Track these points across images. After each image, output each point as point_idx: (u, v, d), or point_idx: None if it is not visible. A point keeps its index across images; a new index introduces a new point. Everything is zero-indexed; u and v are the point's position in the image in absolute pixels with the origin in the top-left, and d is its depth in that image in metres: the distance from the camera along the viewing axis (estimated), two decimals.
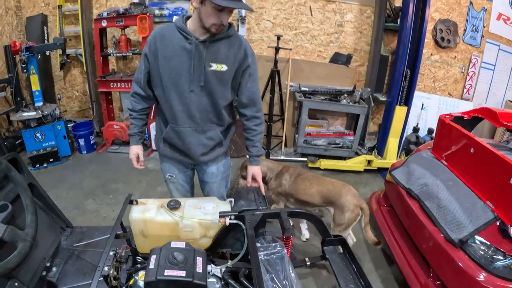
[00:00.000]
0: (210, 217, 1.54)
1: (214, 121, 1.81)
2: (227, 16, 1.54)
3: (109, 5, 4.61)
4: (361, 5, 4.44)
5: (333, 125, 4.56)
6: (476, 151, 2.14)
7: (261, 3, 4.42)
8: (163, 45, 1.64)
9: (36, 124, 3.90)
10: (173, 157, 1.92)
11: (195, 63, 1.63)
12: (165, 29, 1.68)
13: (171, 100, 1.71)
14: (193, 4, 1.53)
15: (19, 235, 1.38)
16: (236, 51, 1.67)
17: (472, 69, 4.87)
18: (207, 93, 1.70)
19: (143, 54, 1.72)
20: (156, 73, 1.70)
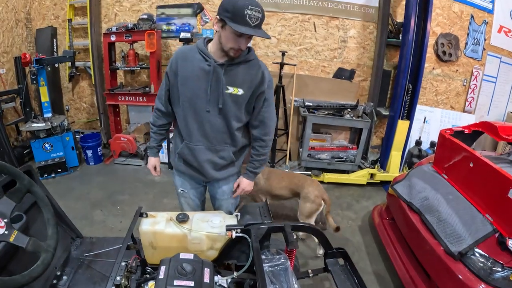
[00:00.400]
0: (217, 230, 1.60)
1: (227, 142, 1.84)
2: (245, 41, 1.58)
3: (117, 20, 4.73)
4: (363, 21, 4.52)
5: (337, 139, 4.61)
6: (475, 165, 2.19)
7: (266, 19, 4.43)
8: (183, 65, 1.71)
9: (45, 135, 3.98)
10: (186, 173, 1.97)
11: (213, 84, 1.68)
12: (188, 50, 1.76)
13: (187, 118, 1.76)
14: (214, 28, 1.60)
15: (41, 246, 1.44)
16: (253, 76, 1.72)
17: (474, 82, 4.90)
18: (222, 115, 1.74)
19: (165, 72, 1.80)
20: (175, 91, 1.77)
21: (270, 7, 4.45)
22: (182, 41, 3.89)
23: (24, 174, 1.51)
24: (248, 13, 1.45)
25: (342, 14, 4.48)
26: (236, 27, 1.47)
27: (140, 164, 4.49)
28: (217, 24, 1.58)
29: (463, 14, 4.62)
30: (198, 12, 4.21)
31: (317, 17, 4.50)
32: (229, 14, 1.48)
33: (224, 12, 1.51)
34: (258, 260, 1.41)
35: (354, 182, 4.19)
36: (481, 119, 4.99)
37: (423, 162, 3.02)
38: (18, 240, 1.37)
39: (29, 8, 4.72)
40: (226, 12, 1.49)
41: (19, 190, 1.48)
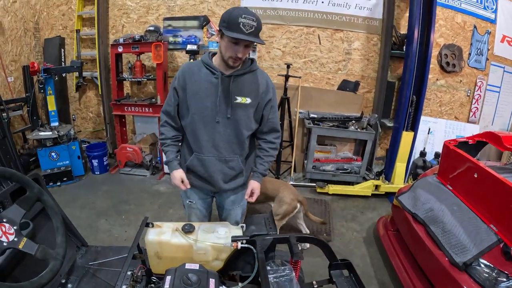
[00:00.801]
0: (223, 241, 1.61)
1: (237, 152, 1.88)
2: (242, 49, 1.63)
3: (125, 31, 4.82)
4: (367, 33, 4.56)
5: (341, 150, 4.61)
6: (480, 176, 2.20)
7: (272, 32, 4.58)
8: (191, 79, 1.77)
9: (51, 143, 4.03)
10: (194, 184, 1.97)
11: (221, 96, 1.74)
12: (193, 65, 1.82)
13: (197, 130, 1.80)
14: (216, 39, 1.72)
15: (50, 254, 1.45)
16: (258, 85, 1.80)
17: (478, 92, 4.91)
18: (232, 124, 1.80)
19: (173, 88, 1.83)
20: (184, 105, 1.81)
21: (275, 20, 4.53)
22: (188, 53, 3.95)
23: (34, 183, 1.54)
24: (242, 21, 1.53)
25: (346, 27, 4.54)
26: (231, 34, 1.54)
27: (145, 174, 4.52)
28: (217, 36, 1.68)
29: (466, 25, 4.65)
30: (204, 24, 4.28)
31: (321, 29, 4.56)
32: (225, 24, 1.57)
33: (222, 22, 1.61)
34: (263, 271, 1.41)
35: (359, 193, 4.17)
36: (486, 129, 4.99)
37: (428, 173, 3.01)
38: (28, 247, 1.40)
39: (38, 18, 4.83)
40: (223, 22, 1.59)
41: (29, 198, 1.50)
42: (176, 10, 4.63)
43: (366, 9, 4.46)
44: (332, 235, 3.36)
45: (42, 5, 4.86)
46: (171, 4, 4.63)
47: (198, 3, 4.58)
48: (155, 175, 4.52)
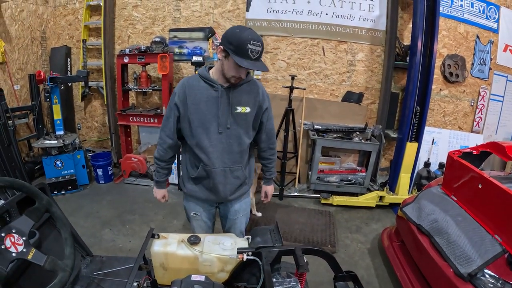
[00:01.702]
0: (229, 252, 1.61)
1: (240, 161, 1.95)
2: (245, 71, 1.74)
3: (131, 42, 4.88)
4: (371, 45, 4.58)
5: (346, 161, 4.61)
6: (484, 186, 2.21)
7: (276, 44, 4.61)
8: (191, 93, 1.80)
9: (57, 152, 4.06)
10: (199, 196, 2.02)
11: (222, 107, 1.79)
12: (191, 80, 1.85)
13: (202, 143, 1.84)
14: (218, 56, 1.72)
15: (59, 265, 1.46)
16: (255, 94, 1.88)
17: (481, 101, 4.91)
18: (234, 134, 1.86)
19: (173, 105, 1.85)
20: (186, 120, 1.84)
21: (279, 32, 4.56)
22: (194, 65, 3.98)
23: (43, 194, 1.56)
24: (250, 47, 1.58)
25: (350, 38, 4.56)
26: (239, 60, 1.59)
27: (150, 184, 4.52)
28: (220, 53, 1.70)
29: (468, 35, 4.67)
30: (210, 36, 4.32)
31: (325, 41, 4.58)
32: (233, 47, 1.60)
33: (228, 44, 1.63)
34: (268, 283, 1.41)
35: (363, 204, 4.16)
36: (489, 138, 4.99)
37: (432, 184, 3.02)
38: (36, 258, 1.41)
39: (45, 27, 4.91)
40: (230, 45, 1.61)
41: (38, 210, 1.52)
42: (181, 21, 4.69)
43: (369, 21, 4.49)
44: (337, 247, 3.35)
45: (49, 14, 4.95)
46: (176, 16, 4.69)
47: (203, 15, 4.64)
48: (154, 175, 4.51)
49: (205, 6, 4.61)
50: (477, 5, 4.65)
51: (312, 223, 3.71)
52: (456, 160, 2.59)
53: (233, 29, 1.66)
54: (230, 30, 1.66)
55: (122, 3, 4.81)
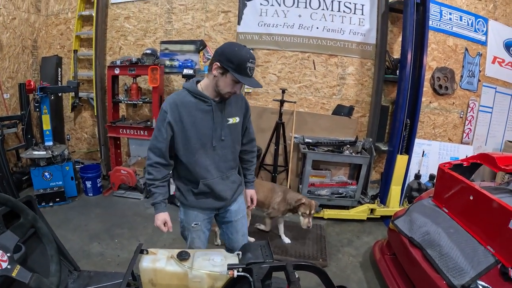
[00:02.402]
0: (219, 269, 1.59)
1: (233, 167, 2.06)
2: (241, 87, 1.82)
3: (122, 53, 4.86)
4: (361, 58, 4.62)
5: (336, 175, 4.60)
6: (475, 197, 2.23)
7: (267, 57, 4.63)
8: (185, 111, 1.81)
9: (45, 163, 4.01)
10: (204, 206, 2.04)
11: (217, 121, 1.86)
12: (180, 96, 1.85)
13: (200, 158, 1.89)
14: (213, 72, 1.76)
15: (44, 283, 1.43)
16: (240, 104, 1.99)
17: (471, 113, 4.98)
18: (228, 144, 1.94)
19: (165, 124, 1.81)
20: (182, 138, 1.85)
21: (270, 45, 4.59)
22: (184, 77, 3.98)
23: (29, 209, 1.54)
24: (249, 66, 1.69)
25: (340, 52, 4.60)
26: (241, 78, 1.69)
27: (139, 197, 4.47)
28: (216, 70, 1.74)
29: (457, 48, 4.75)
30: (201, 49, 4.33)
31: (316, 55, 4.62)
32: (233, 66, 1.68)
33: (227, 62, 1.68)
34: None
35: (354, 217, 4.15)
36: (479, 149, 5.05)
37: (423, 196, 3.03)
38: (21, 275, 1.38)
39: (36, 36, 4.88)
40: (230, 63, 1.68)
41: (23, 225, 1.50)
42: (173, 34, 4.69)
43: (360, 35, 4.54)
44: (328, 260, 3.34)
45: (41, 23, 4.91)
46: (168, 28, 4.69)
47: (195, 28, 4.65)
48: (149, 199, 4.48)
49: (197, 19, 4.62)
50: (466, 18, 4.74)
51: (303, 237, 3.69)
52: (447, 172, 2.61)
53: (231, 47, 1.73)
54: (229, 48, 1.72)
55: (114, 14, 4.80)
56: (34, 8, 4.76)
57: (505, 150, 5.24)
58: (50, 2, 4.94)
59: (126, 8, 4.76)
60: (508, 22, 4.96)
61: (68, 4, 4.89)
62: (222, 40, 4.65)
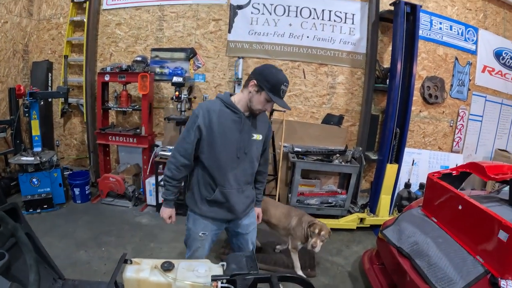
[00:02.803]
0: (202, 280, 1.57)
1: (249, 182, 2.15)
2: (271, 106, 1.96)
3: (112, 59, 4.84)
4: (351, 67, 4.64)
5: (326, 184, 4.58)
6: (464, 207, 2.23)
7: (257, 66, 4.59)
8: (215, 117, 1.93)
9: (33, 169, 3.97)
10: (215, 217, 2.12)
11: (243, 134, 1.97)
12: (215, 105, 1.97)
13: (223, 166, 1.98)
14: (249, 89, 1.90)
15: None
16: (264, 123, 2.12)
17: (461, 122, 5.02)
18: (249, 159, 2.04)
19: (195, 127, 1.93)
20: (209, 143, 1.96)
21: (261, 54, 4.60)
22: (174, 85, 3.96)
23: (9, 218, 1.51)
24: (283, 88, 1.86)
25: (331, 61, 4.62)
26: (274, 98, 1.85)
27: (127, 205, 4.43)
28: (252, 87, 1.88)
29: (447, 57, 4.79)
30: (191, 56, 4.33)
31: (306, 64, 4.63)
32: (269, 86, 1.83)
33: (264, 82, 1.84)
34: None
35: (344, 227, 4.14)
36: (469, 158, 5.08)
37: (413, 206, 3.02)
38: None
39: (28, 40, 4.85)
40: (267, 83, 1.83)
41: (3, 234, 1.48)
42: (164, 41, 4.68)
43: (350, 44, 4.57)
44: (317, 270, 3.32)
45: (32, 27, 4.89)
46: (159, 35, 4.68)
47: (185, 35, 4.65)
48: (138, 207, 4.45)
49: (188, 26, 4.62)
50: (456, 27, 4.79)
51: None
52: (436, 181, 2.61)
53: (270, 68, 1.89)
54: (267, 69, 1.88)
55: (105, 20, 4.79)
56: (26, 12, 4.74)
57: (495, 159, 5.28)
58: (42, 6, 4.93)
59: (118, 14, 4.75)
60: (498, 31, 5.03)
61: (60, 9, 4.88)
62: (213, 48, 4.66)
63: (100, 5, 4.76)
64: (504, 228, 1.83)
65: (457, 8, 4.77)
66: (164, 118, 4.31)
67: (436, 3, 4.69)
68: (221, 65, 4.68)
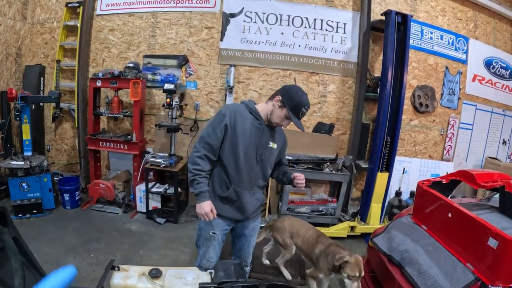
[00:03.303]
0: (190, 287, 1.57)
1: (261, 186, 2.27)
2: (288, 123, 2.12)
3: (105, 65, 4.82)
4: (343, 76, 4.67)
5: (317, 192, 4.56)
6: (454, 215, 2.24)
7: (249, 74, 4.64)
8: (241, 120, 2.08)
9: (23, 174, 3.94)
10: (227, 215, 2.22)
11: (262, 140, 2.12)
12: (239, 107, 2.13)
13: (241, 166, 2.10)
14: (273, 102, 2.08)
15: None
16: (281, 135, 2.28)
17: (451, 130, 5.07)
18: (263, 164, 2.18)
19: (222, 125, 2.06)
20: (232, 142, 2.08)
21: (252, 62, 4.61)
22: (165, 93, 3.96)
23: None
24: (303, 110, 2.04)
25: (322, 70, 4.65)
26: (292, 117, 2.03)
27: (117, 212, 4.40)
28: (277, 101, 2.06)
29: (438, 66, 4.85)
30: (183, 64, 4.33)
31: (298, 72, 4.65)
32: (292, 104, 2.00)
33: (289, 101, 2.02)
34: None
35: (335, 235, 4.08)
36: (460, 165, 5.13)
37: (403, 214, 3.03)
38: None
39: (21, 44, 4.82)
40: (290, 102, 2.01)
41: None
42: (156, 48, 4.68)
43: (341, 53, 4.61)
44: (307, 279, 3.31)
45: (26, 31, 4.86)
46: (152, 42, 4.69)
47: (178, 43, 4.66)
48: (127, 214, 4.41)
49: (180, 34, 4.63)
50: (447, 37, 4.86)
51: None
52: (425, 189, 2.63)
53: (296, 89, 2.07)
54: (294, 89, 2.07)
55: (99, 25, 4.78)
56: (20, 16, 4.72)
57: (485, 166, 5.33)
58: (36, 10, 4.92)
59: (111, 20, 4.75)
60: (489, 41, 5.11)
61: (54, 13, 4.87)
62: (205, 56, 4.66)
63: (93, 11, 4.75)
64: (493, 235, 1.85)
65: (448, 18, 4.85)
66: (155, 125, 4.29)
67: (427, 13, 4.76)
68: (213, 73, 4.68)
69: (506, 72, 5.26)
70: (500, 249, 1.81)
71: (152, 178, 4.35)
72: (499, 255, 1.81)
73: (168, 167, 4.12)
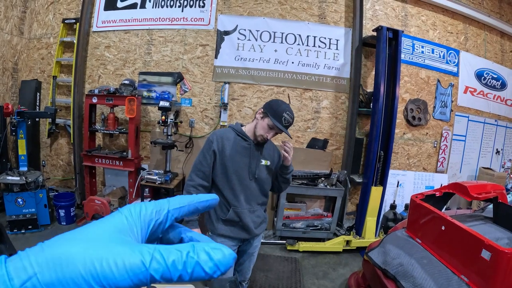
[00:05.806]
0: None
1: (260, 203, 2.29)
2: (273, 134, 2.10)
3: (101, 82, 4.86)
4: (336, 92, 4.71)
5: (312, 207, 4.59)
6: (447, 228, 2.26)
7: (243, 91, 4.67)
8: (227, 144, 2.14)
9: (18, 189, 3.92)
10: (233, 236, 2.24)
11: (252, 159, 2.16)
12: (226, 132, 2.19)
13: (235, 188, 2.15)
14: (256, 116, 2.14)
15: None
16: (273, 151, 2.30)
17: (444, 142, 5.11)
18: (259, 182, 2.21)
19: (211, 151, 2.13)
20: (223, 166, 2.14)
21: (246, 79, 4.64)
22: (160, 110, 3.99)
23: None
24: (285, 116, 2.03)
25: (315, 86, 4.69)
26: (277, 123, 2.02)
27: None
28: (259, 114, 2.12)
29: (430, 80, 4.92)
30: (178, 81, 4.37)
31: (291, 89, 4.69)
32: (272, 111, 2.04)
33: (269, 109, 2.06)
34: None
35: (330, 250, 4.14)
36: (454, 177, 5.17)
37: (397, 227, 3.05)
38: None
39: (17, 59, 4.85)
40: (271, 109, 2.05)
41: None
42: (152, 65, 4.72)
43: (334, 69, 4.66)
44: None
45: (23, 46, 4.90)
46: (147, 59, 4.73)
47: (173, 60, 4.70)
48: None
49: (175, 51, 4.69)
50: (438, 51, 4.94)
51: (278, 270, 3.67)
52: (419, 203, 2.65)
53: (276, 100, 2.12)
54: (275, 100, 2.13)
55: (95, 42, 4.83)
56: (18, 31, 4.76)
57: (480, 177, 5.38)
58: (33, 25, 4.96)
59: (107, 37, 4.80)
60: (479, 53, 5.20)
61: (51, 29, 4.92)
62: (199, 73, 4.70)
63: (90, 27, 4.80)
64: (486, 247, 1.87)
65: (439, 32, 4.93)
66: (151, 142, 4.31)
67: (418, 28, 4.85)
68: (208, 90, 4.71)
69: (497, 82, 5.35)
70: (493, 261, 1.84)
71: (147, 194, 4.35)
72: (492, 266, 1.84)
73: (163, 184, 4.13)
